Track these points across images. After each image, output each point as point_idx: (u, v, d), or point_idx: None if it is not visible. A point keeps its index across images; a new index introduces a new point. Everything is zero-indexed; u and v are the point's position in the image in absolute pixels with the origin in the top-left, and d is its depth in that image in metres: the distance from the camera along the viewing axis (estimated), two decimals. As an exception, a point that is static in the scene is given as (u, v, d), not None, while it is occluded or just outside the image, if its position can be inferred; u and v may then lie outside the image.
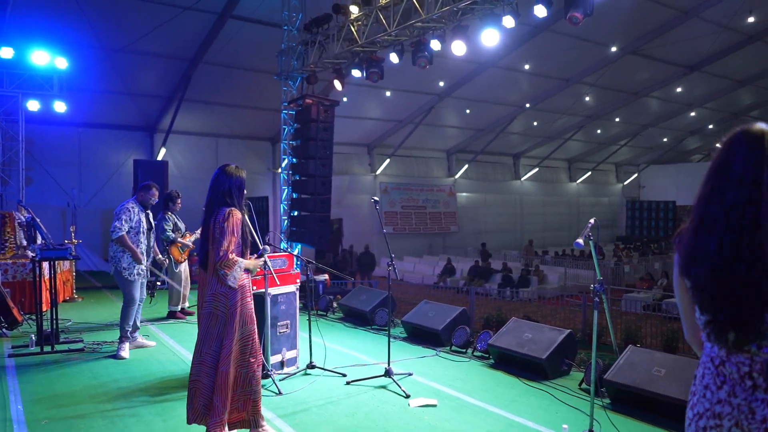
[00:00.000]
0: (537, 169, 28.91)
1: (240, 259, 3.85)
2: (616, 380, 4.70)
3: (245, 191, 4.14)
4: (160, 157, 17.28)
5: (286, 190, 12.77)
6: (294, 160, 12.30)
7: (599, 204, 32.19)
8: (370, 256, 19.33)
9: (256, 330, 3.97)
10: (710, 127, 27.84)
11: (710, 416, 1.73)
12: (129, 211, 6.43)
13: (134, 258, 6.41)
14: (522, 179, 28.66)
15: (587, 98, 21.87)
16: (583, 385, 5.15)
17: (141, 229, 6.52)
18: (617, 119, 25.24)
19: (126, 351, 6.41)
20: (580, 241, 3.73)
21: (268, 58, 13.82)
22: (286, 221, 12.60)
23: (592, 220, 3.86)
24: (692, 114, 25.36)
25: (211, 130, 18.55)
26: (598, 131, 26.95)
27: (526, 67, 18.44)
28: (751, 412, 1.65)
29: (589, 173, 31.69)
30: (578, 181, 31.43)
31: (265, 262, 5.33)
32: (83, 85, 13.66)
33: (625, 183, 33.86)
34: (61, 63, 11.31)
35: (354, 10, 10.61)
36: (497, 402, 4.85)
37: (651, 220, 30.68)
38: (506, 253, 23.76)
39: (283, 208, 12.89)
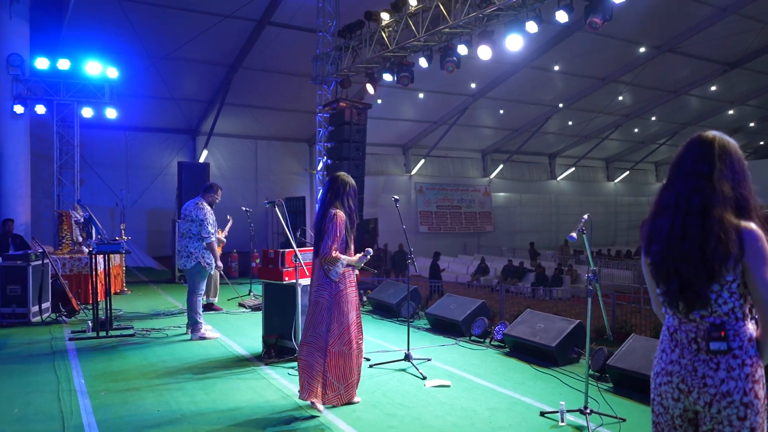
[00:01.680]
0: (573, 169, 28.78)
1: (342, 257, 4.49)
2: (618, 365, 5.03)
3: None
4: (202, 159, 18.07)
5: (321, 191, 13.31)
6: (329, 161, 12.82)
7: (638, 204, 31.78)
8: (404, 255, 19.73)
9: (360, 316, 4.64)
10: (751, 125, 27.24)
11: (664, 374, 2.07)
12: (210, 213, 7.14)
13: (216, 261, 7.15)
14: (558, 179, 28.60)
15: (621, 98, 21.77)
16: (590, 371, 5.46)
17: (216, 228, 7.32)
18: (653, 118, 24.98)
19: (209, 331, 7.13)
20: (574, 234, 4.08)
21: (304, 63, 14.40)
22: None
23: (585, 216, 4.21)
24: (731, 112, 24.89)
25: (251, 132, 19.27)
26: (636, 130, 26.71)
27: (560, 66, 18.53)
28: (694, 370, 1.99)
29: (627, 173, 31.33)
30: (616, 181, 31.13)
31: (296, 254, 5.86)
32: (131, 91, 14.50)
33: (665, 182, 33.29)
34: (112, 73, 12.14)
35: (385, 16, 11.07)
36: (506, 384, 5.23)
37: (692, 219, 30.13)
38: (541, 253, 23.81)
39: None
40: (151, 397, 4.85)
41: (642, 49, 17.87)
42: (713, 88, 21.80)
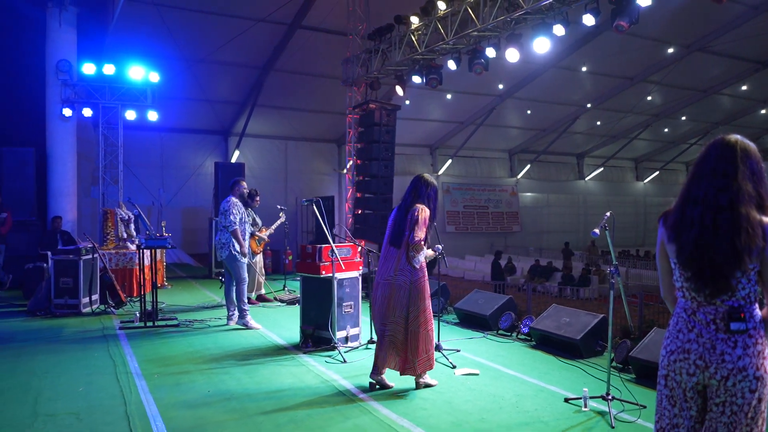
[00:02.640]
0: (602, 169, 28.64)
1: (425, 248, 4.91)
2: (640, 357, 5.25)
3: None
4: (234, 159, 18.57)
5: (351, 190, 13.69)
6: (358, 161, 13.16)
7: (668, 204, 30.29)
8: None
9: (430, 303, 5.00)
10: (785, 124, 26.77)
11: (680, 351, 2.31)
12: (237, 205, 7.60)
13: (240, 248, 7.52)
14: (586, 179, 28.51)
15: (651, 97, 21.65)
16: (614, 363, 5.69)
17: (244, 220, 7.74)
18: (683, 118, 24.75)
19: (253, 321, 7.56)
20: (597, 231, 4.33)
21: (334, 65, 14.77)
22: (350, 219, 13.52)
23: (608, 213, 4.44)
24: (763, 111, 24.51)
25: (281, 133, 19.72)
26: (666, 130, 26.49)
27: (588, 66, 18.54)
28: (713, 348, 2.24)
29: (657, 173, 31.03)
30: (645, 181, 30.88)
31: (332, 250, 6.20)
32: (167, 94, 14.99)
33: (697, 182, 32.85)
34: (154, 77, 12.68)
35: (414, 20, 11.37)
36: (532, 374, 5.50)
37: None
38: (574, 253, 23.77)
39: (348, 206, 13.82)
40: (201, 379, 5.24)
41: (671, 49, 17.83)
42: (744, 87, 21.56)
